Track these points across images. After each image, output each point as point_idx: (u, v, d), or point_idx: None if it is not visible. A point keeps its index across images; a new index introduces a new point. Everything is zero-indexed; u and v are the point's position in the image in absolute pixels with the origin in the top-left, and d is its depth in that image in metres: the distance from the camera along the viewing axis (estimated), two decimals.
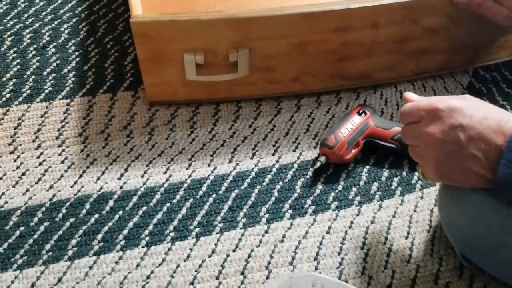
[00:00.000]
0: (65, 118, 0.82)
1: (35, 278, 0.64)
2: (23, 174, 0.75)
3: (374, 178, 0.76)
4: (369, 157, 0.79)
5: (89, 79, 0.87)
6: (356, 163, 0.78)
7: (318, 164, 0.75)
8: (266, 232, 0.70)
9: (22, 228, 0.69)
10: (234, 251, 0.67)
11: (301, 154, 0.79)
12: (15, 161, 0.76)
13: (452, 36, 0.82)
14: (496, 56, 0.89)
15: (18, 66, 0.88)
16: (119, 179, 0.74)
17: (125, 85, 0.87)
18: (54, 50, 0.91)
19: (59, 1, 1.00)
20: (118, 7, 1.00)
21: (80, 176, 0.75)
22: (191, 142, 0.80)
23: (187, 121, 0.82)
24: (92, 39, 0.94)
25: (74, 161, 0.76)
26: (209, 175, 0.76)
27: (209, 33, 0.73)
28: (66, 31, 0.95)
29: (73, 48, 0.92)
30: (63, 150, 0.78)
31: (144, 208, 0.71)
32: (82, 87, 0.86)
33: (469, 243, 0.59)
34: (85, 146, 0.78)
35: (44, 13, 0.98)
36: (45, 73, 0.88)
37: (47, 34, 0.94)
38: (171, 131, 0.81)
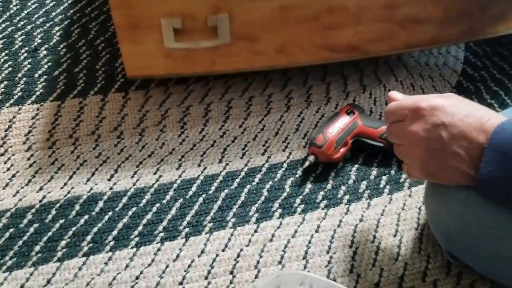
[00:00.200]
0: (56, 120, 0.81)
1: (24, 280, 0.63)
2: (14, 176, 0.74)
3: (363, 177, 0.75)
4: (358, 156, 0.78)
5: (80, 81, 0.86)
6: (345, 162, 0.77)
7: (307, 164, 0.74)
8: (256, 232, 0.69)
9: (12, 230, 0.68)
10: (224, 251, 0.66)
11: (291, 154, 0.78)
12: (6, 163, 0.75)
13: (442, 2, 0.77)
14: (493, 30, 0.83)
15: (10, 69, 0.87)
16: (109, 180, 0.73)
17: (116, 87, 0.86)
18: (46, 53, 0.90)
19: (51, 4, 0.99)
20: (109, 10, 0.98)
21: (70, 178, 0.74)
22: (181, 143, 0.79)
23: (178, 122, 0.81)
24: (84, 41, 0.93)
25: (65, 163, 0.75)
26: (199, 175, 0.75)
27: None
28: (58, 34, 0.94)
29: (65, 50, 0.91)
30: (54, 152, 0.76)
31: (134, 209, 0.70)
32: (73, 89, 0.85)
33: (455, 240, 0.58)
34: (76, 148, 0.77)
35: (36, 16, 0.96)
36: (37, 75, 0.86)
37: (39, 37, 0.93)
38: (162, 132, 0.80)
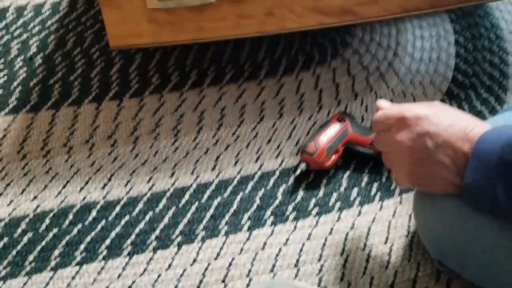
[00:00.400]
0: (51, 129, 0.80)
1: None
2: (8, 185, 0.73)
3: (354, 184, 0.74)
4: (350, 163, 0.77)
5: (75, 90, 0.85)
6: (337, 169, 0.76)
7: (299, 171, 0.73)
8: (248, 240, 0.68)
9: (6, 240, 0.67)
10: (216, 259, 0.66)
11: (283, 161, 0.77)
12: (0, 172, 0.74)
13: None
14: None
15: (5, 77, 0.87)
16: (103, 189, 0.73)
17: (111, 95, 0.85)
18: (41, 61, 0.90)
19: (47, 13, 0.98)
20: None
21: (64, 187, 0.73)
22: (175, 151, 0.78)
23: (171, 130, 0.81)
24: (79, 50, 0.92)
25: (59, 171, 0.75)
26: (192, 184, 0.74)
27: None
28: (53, 42, 0.93)
29: (60, 59, 0.90)
30: (48, 161, 0.76)
31: (127, 218, 0.70)
32: (68, 98, 0.84)
33: (443, 248, 0.58)
34: (70, 156, 0.76)
35: (32, 25, 0.96)
36: (32, 84, 0.86)
37: (35, 45, 0.92)
38: (155, 140, 0.79)
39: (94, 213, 0.70)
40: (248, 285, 0.63)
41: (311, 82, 0.88)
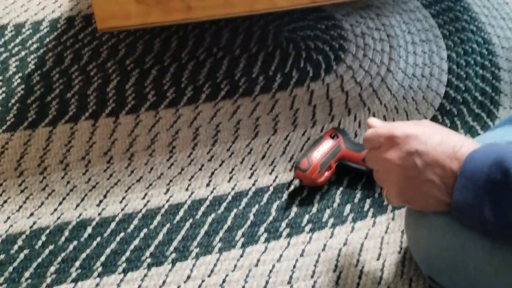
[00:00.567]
0: (47, 146, 0.80)
1: None
2: (5, 202, 0.73)
3: (347, 200, 0.75)
4: (343, 179, 0.77)
5: (72, 106, 0.86)
6: (330, 185, 0.76)
7: (292, 187, 0.74)
8: (241, 257, 0.68)
9: (2, 256, 0.67)
10: (209, 276, 0.66)
11: (277, 177, 0.78)
12: None
13: None
14: None
15: (3, 95, 0.87)
16: (98, 206, 0.73)
17: (107, 112, 0.85)
18: (39, 78, 0.90)
19: (45, 30, 0.99)
20: (102, 35, 0.99)
21: (60, 203, 0.73)
22: (170, 167, 0.78)
23: (167, 146, 0.81)
24: (76, 67, 0.93)
25: (55, 188, 0.75)
26: (187, 200, 0.74)
27: None
28: (51, 59, 0.94)
29: (57, 76, 0.91)
30: (44, 178, 0.76)
31: (122, 235, 0.70)
32: (65, 114, 0.85)
33: (434, 264, 0.58)
34: (66, 173, 0.77)
35: (30, 42, 0.97)
36: (29, 101, 0.86)
37: (32, 63, 0.93)
38: (151, 156, 0.80)
39: (90, 230, 0.70)
40: None
41: (305, 98, 0.89)
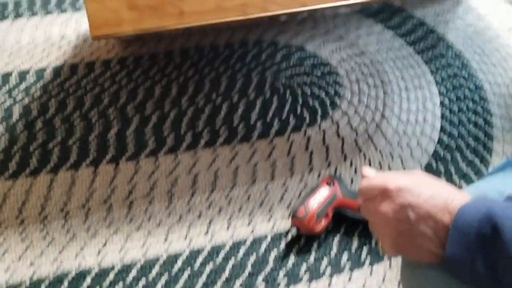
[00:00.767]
0: (49, 193, 0.81)
1: None
2: (6, 251, 0.74)
3: (345, 248, 0.75)
4: (339, 227, 0.78)
5: (73, 153, 0.87)
6: (327, 233, 0.77)
7: (290, 236, 0.74)
8: None
9: None
10: None
11: (275, 225, 0.78)
12: None
13: None
14: None
15: (6, 142, 0.89)
16: (98, 255, 0.73)
17: (108, 158, 0.87)
18: (41, 125, 0.92)
19: (49, 78, 1.01)
20: (105, 81, 1.01)
21: (60, 252, 0.74)
22: (169, 215, 0.79)
23: (166, 193, 0.82)
24: (78, 113, 0.94)
25: (55, 237, 0.75)
26: (185, 249, 0.75)
27: None
28: (54, 106, 0.95)
29: (59, 123, 0.92)
30: (45, 226, 0.77)
31: (120, 285, 0.70)
32: (66, 161, 0.86)
33: None
34: (66, 221, 0.77)
35: (34, 89, 0.99)
36: (31, 149, 0.88)
37: (36, 110, 0.95)
38: (150, 204, 0.80)
39: (89, 280, 0.70)
40: None
41: (302, 144, 0.90)
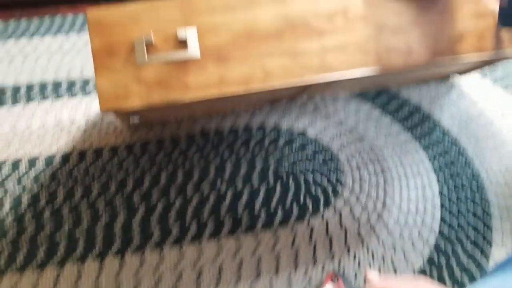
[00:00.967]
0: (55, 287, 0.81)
1: None
2: None
3: None
4: None
5: (80, 245, 0.88)
6: None
7: None
8: None
9: None
10: None
11: None
12: None
13: None
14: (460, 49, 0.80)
15: (15, 234, 0.90)
16: None
17: (114, 250, 0.87)
18: (49, 215, 0.93)
19: (58, 165, 1.03)
20: (112, 168, 1.03)
21: None
22: None
23: None
24: (85, 201, 0.96)
25: None
26: None
27: (158, 15, 0.75)
28: (62, 195, 0.97)
29: (67, 212, 0.94)
30: None
31: None
32: (73, 253, 0.87)
33: None
34: None
35: (43, 176, 1.01)
36: (39, 240, 0.89)
37: (44, 199, 0.96)
38: None
39: None
40: None
41: (306, 234, 0.91)
